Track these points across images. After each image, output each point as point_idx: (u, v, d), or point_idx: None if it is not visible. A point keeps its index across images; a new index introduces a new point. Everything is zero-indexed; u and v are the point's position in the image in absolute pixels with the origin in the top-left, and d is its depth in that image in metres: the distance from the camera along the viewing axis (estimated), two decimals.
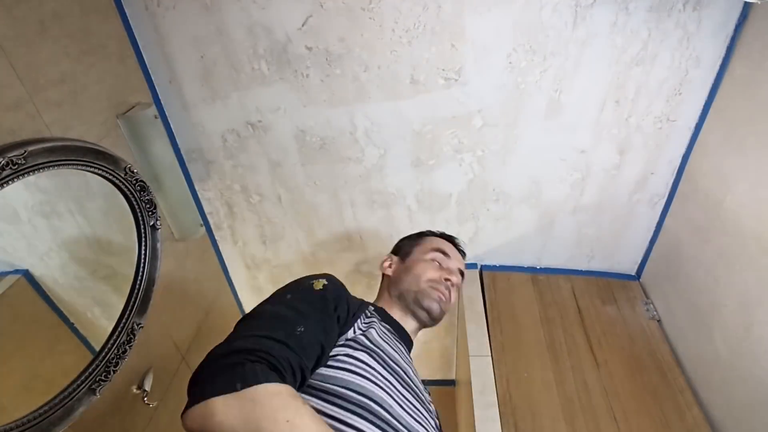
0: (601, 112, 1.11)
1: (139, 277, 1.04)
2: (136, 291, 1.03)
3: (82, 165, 0.85)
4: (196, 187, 1.36)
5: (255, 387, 0.51)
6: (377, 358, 0.71)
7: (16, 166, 0.71)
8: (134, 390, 1.09)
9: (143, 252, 1.04)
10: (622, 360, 1.19)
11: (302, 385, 0.62)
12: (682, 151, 1.16)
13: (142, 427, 1.13)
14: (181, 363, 1.31)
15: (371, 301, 0.91)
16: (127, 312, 1.01)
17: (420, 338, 1.76)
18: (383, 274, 1.00)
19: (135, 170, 0.97)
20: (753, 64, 0.94)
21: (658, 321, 1.28)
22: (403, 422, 0.66)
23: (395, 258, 1.01)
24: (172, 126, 1.22)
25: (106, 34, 0.99)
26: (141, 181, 0.99)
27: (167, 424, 1.23)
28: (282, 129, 1.21)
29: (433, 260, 0.95)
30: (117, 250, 1.03)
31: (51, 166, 0.78)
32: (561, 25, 0.99)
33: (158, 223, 1.06)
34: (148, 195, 1.02)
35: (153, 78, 1.14)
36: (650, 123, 1.12)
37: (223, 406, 0.50)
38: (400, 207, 1.35)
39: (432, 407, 0.80)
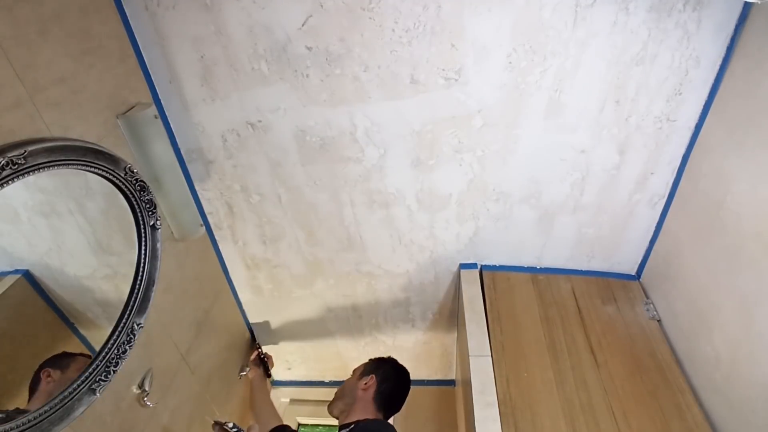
0: (601, 112, 1.11)
1: (139, 277, 1.04)
2: (136, 291, 1.03)
3: (82, 165, 0.85)
4: (196, 187, 1.36)
5: None
6: None
7: (16, 166, 0.71)
8: (134, 390, 1.09)
9: (143, 252, 1.04)
10: (622, 360, 1.19)
11: None
12: (682, 151, 1.16)
13: (142, 427, 1.13)
14: (181, 363, 1.31)
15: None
16: (127, 312, 1.01)
17: (420, 338, 1.79)
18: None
19: (135, 170, 0.97)
20: (753, 64, 0.94)
21: (658, 321, 1.28)
22: None
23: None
24: (172, 126, 1.22)
25: (106, 34, 0.99)
26: (141, 181, 0.99)
27: (167, 424, 1.23)
28: (282, 129, 1.21)
29: None
30: (117, 250, 1.03)
31: (51, 166, 0.78)
32: (561, 25, 0.99)
33: (158, 223, 1.06)
34: (148, 195, 1.02)
35: (153, 78, 1.14)
36: (650, 123, 1.12)
37: None
38: (400, 207, 1.35)
39: None
